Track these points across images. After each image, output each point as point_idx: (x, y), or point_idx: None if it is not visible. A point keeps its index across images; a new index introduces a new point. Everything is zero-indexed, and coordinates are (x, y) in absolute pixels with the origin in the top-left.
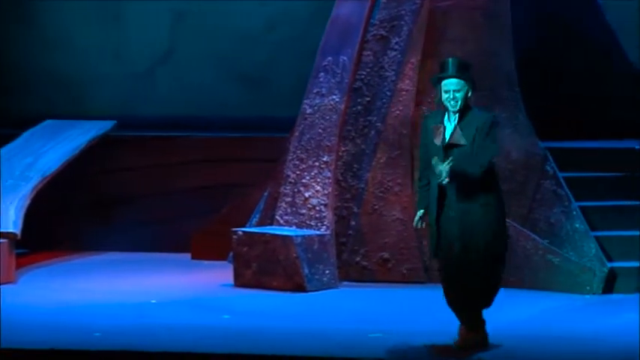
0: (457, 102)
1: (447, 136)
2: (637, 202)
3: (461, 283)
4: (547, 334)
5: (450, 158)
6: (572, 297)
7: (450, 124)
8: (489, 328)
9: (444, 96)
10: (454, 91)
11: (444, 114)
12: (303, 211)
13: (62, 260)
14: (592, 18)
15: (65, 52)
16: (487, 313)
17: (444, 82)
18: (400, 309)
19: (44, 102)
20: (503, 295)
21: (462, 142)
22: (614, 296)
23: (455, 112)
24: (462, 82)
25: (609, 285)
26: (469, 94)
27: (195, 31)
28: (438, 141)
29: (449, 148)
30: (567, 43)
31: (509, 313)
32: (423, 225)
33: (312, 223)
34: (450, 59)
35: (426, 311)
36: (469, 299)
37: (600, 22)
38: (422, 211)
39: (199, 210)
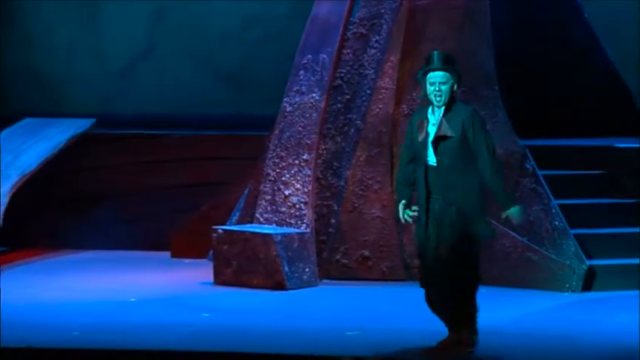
0: (442, 95)
1: (431, 131)
2: (616, 200)
3: (442, 282)
4: (526, 332)
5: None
6: (552, 295)
7: (434, 118)
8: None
9: (430, 89)
10: (440, 83)
11: (428, 109)
12: (283, 209)
13: (41, 258)
14: (571, 17)
15: (44, 50)
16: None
17: (430, 74)
18: (380, 307)
19: (23, 100)
20: (482, 293)
21: (449, 133)
22: (593, 294)
23: (440, 106)
24: (448, 74)
25: (588, 283)
26: (454, 88)
27: (174, 29)
28: (421, 136)
29: (436, 141)
30: (547, 42)
31: (488, 311)
32: (409, 219)
33: (292, 221)
34: (436, 52)
35: (405, 309)
36: (449, 299)
37: (579, 21)
38: (404, 201)
39: (179, 208)
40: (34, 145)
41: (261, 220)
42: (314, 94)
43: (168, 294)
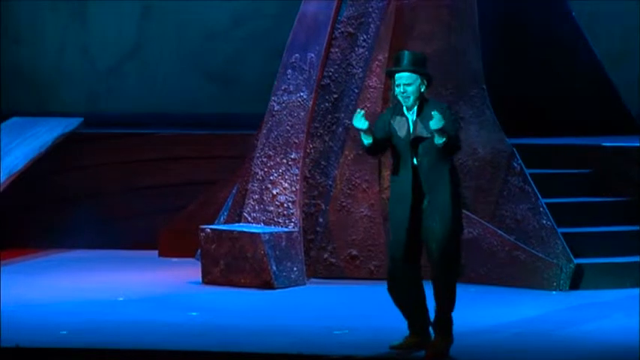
0: (408, 96)
1: (410, 130)
2: (603, 199)
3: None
4: (514, 331)
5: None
6: (539, 293)
7: (410, 117)
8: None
9: (396, 90)
10: (405, 85)
11: (403, 107)
12: (271, 208)
13: (27, 258)
14: (558, 15)
15: (31, 49)
16: (455, 309)
17: (396, 75)
18: (368, 306)
19: (10, 100)
20: (469, 292)
21: (425, 134)
22: (580, 292)
23: (408, 107)
24: (415, 75)
25: (576, 281)
26: (422, 89)
27: (161, 28)
28: (401, 133)
29: (415, 143)
30: (534, 41)
31: (475, 309)
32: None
33: (280, 220)
34: (405, 52)
35: (393, 308)
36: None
37: (566, 20)
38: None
39: (167, 207)
40: (21, 144)
41: (249, 219)
42: (302, 93)
43: (156, 293)
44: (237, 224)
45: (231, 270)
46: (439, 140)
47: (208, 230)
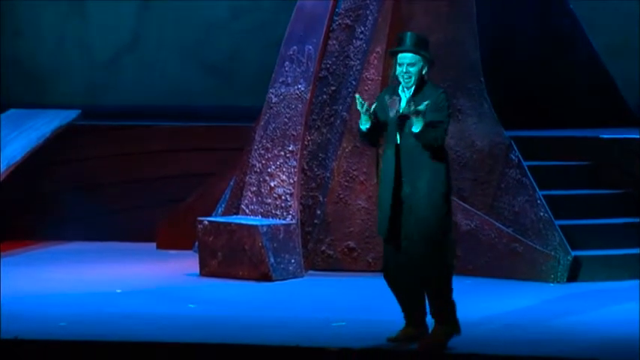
0: (410, 77)
1: (401, 109)
2: (601, 191)
3: (411, 269)
4: (511, 323)
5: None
6: (537, 285)
7: (404, 97)
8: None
9: (398, 69)
10: (408, 64)
11: (399, 88)
12: (269, 200)
13: (26, 250)
14: (556, 7)
15: (29, 41)
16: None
17: (399, 55)
18: (365, 298)
19: (8, 91)
20: (467, 284)
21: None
22: (578, 285)
23: (408, 87)
24: (417, 56)
25: (573, 273)
26: (424, 71)
27: (160, 21)
28: (392, 113)
29: (402, 120)
30: (532, 33)
31: (474, 301)
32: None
33: (278, 213)
34: (408, 33)
35: (391, 300)
36: (417, 287)
37: (564, 11)
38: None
39: (165, 199)
40: (19, 136)
41: (247, 211)
42: (299, 85)
43: (154, 285)
44: (234, 216)
45: (229, 262)
46: (415, 127)
47: (206, 222)
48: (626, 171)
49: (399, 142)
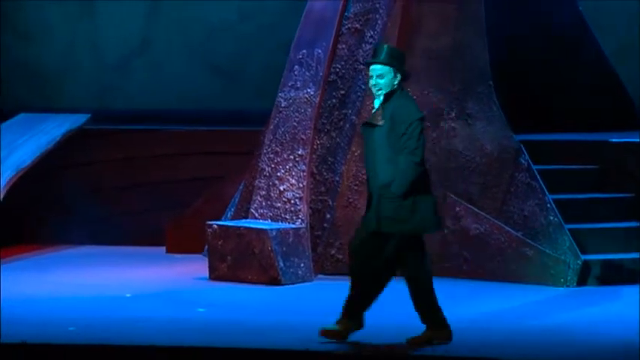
0: (380, 88)
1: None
2: (610, 195)
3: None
4: (521, 327)
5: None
6: (547, 289)
7: (376, 103)
8: (465, 319)
9: (369, 81)
10: (377, 76)
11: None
12: (278, 204)
13: (35, 254)
14: (565, 8)
15: (40, 45)
16: (463, 305)
17: (370, 67)
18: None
19: (18, 95)
20: (477, 288)
21: (379, 122)
22: (588, 289)
23: (378, 97)
24: (387, 68)
25: (583, 277)
26: (395, 83)
27: (169, 24)
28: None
29: (371, 127)
30: (540, 35)
31: (483, 305)
32: None
33: (287, 217)
34: (381, 45)
35: (399, 304)
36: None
37: (573, 14)
38: None
39: (173, 203)
40: (29, 140)
41: (256, 215)
42: (309, 89)
43: (163, 289)
44: (244, 220)
45: (238, 266)
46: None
47: (215, 226)
48: (636, 175)
49: (366, 147)
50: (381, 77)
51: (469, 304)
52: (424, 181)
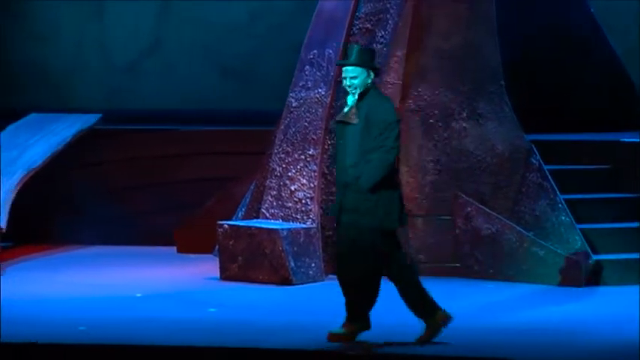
0: (356, 88)
1: (343, 113)
2: (622, 195)
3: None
4: (533, 327)
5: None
6: (558, 289)
7: (349, 101)
8: (474, 318)
9: (344, 82)
10: (350, 77)
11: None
12: (289, 204)
13: (46, 254)
14: (576, 9)
15: (50, 45)
16: (473, 305)
17: (343, 68)
18: (385, 302)
19: (29, 96)
20: (488, 288)
21: (354, 121)
22: (599, 288)
23: (353, 96)
24: (360, 69)
25: (595, 277)
26: (368, 81)
27: (180, 24)
28: (338, 116)
29: (342, 126)
30: (553, 37)
31: (495, 304)
32: None
33: (298, 217)
34: (353, 46)
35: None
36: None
37: (585, 16)
38: None
39: (185, 203)
40: (40, 140)
41: (267, 215)
42: (320, 89)
43: (174, 289)
44: (255, 220)
45: (249, 266)
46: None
47: (226, 226)
48: None
49: (339, 145)
50: (354, 78)
51: (479, 304)
52: (392, 178)
